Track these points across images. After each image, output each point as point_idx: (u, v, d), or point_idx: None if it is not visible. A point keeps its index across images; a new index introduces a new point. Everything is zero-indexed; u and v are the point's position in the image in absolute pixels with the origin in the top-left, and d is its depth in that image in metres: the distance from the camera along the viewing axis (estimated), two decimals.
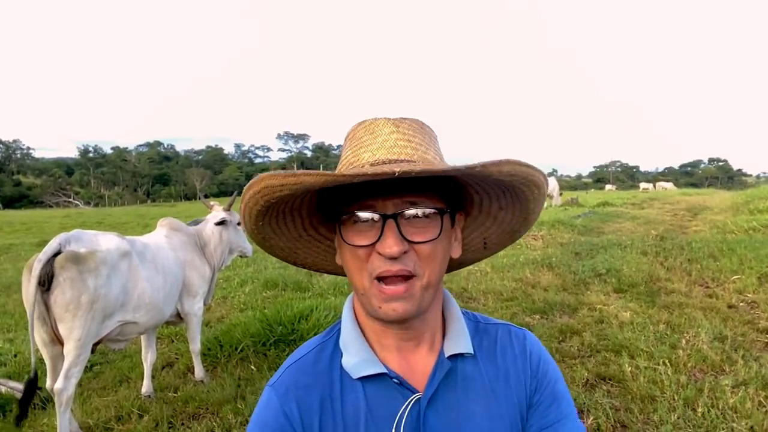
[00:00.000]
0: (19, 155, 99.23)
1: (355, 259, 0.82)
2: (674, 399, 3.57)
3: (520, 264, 8.36)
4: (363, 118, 0.89)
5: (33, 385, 3.19)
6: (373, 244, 0.79)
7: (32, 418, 3.65)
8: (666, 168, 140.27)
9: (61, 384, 3.10)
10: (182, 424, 3.58)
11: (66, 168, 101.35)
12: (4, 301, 7.79)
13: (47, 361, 3.27)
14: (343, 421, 0.84)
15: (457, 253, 0.92)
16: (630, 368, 4.03)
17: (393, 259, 0.78)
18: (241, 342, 4.66)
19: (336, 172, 0.75)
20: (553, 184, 22.98)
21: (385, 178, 0.72)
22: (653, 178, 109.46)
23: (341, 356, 0.89)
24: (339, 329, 0.93)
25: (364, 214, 0.80)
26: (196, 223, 4.40)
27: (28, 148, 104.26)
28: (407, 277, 0.80)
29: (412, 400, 0.85)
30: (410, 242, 0.79)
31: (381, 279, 0.80)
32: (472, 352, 0.90)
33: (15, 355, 4.83)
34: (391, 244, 0.77)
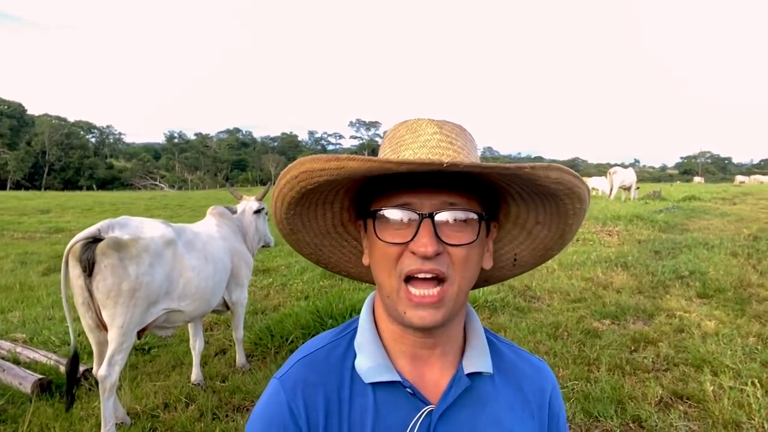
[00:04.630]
0: (111, 140, 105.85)
1: (385, 257, 0.79)
2: (764, 427, 3.15)
3: (591, 262, 7.85)
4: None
5: (74, 363, 3.27)
6: (406, 243, 0.77)
7: (85, 400, 3.73)
8: (762, 160, 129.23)
9: (105, 371, 3.11)
10: (226, 415, 3.54)
11: (154, 153, 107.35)
12: None
13: (93, 347, 3.31)
14: (349, 424, 0.82)
15: (488, 264, 0.89)
16: (712, 387, 3.60)
17: (426, 259, 0.75)
18: (292, 333, 4.59)
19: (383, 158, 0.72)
20: (631, 176, 21.67)
21: (430, 170, 0.70)
22: (747, 170, 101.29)
23: (354, 357, 0.86)
24: (355, 328, 0.91)
25: (400, 211, 0.78)
26: (232, 211, 4.44)
27: (120, 134, 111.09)
28: (439, 281, 0.77)
29: (424, 411, 0.82)
30: (446, 244, 0.77)
31: (409, 281, 0.77)
32: (491, 373, 0.88)
33: (78, 335, 4.99)
34: (426, 244, 0.74)
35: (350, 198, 0.88)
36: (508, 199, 0.87)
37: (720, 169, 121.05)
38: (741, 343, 4.42)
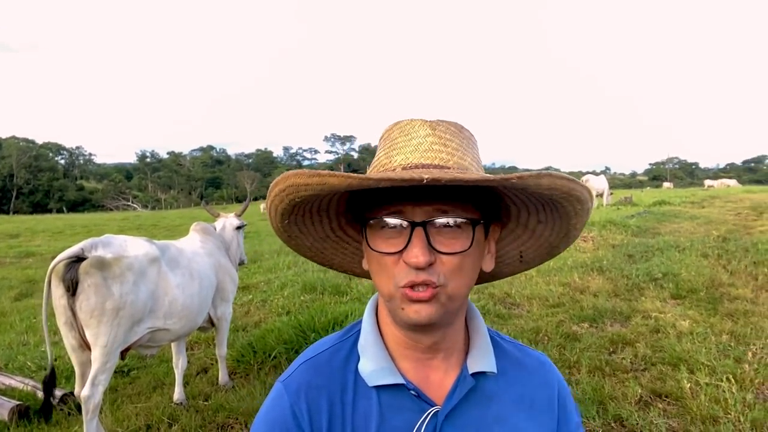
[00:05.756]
0: (81, 161, 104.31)
1: (380, 266, 0.79)
2: (740, 420, 3.23)
3: (567, 267, 7.98)
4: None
5: (50, 382, 3.32)
6: (399, 252, 0.76)
7: (65, 425, 3.65)
8: (728, 164, 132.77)
9: (88, 391, 3.06)
10: None
11: (125, 173, 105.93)
12: None
13: (76, 368, 3.25)
14: (352, 427, 0.81)
15: (489, 266, 0.87)
16: (689, 384, 3.69)
17: (419, 269, 0.74)
18: (274, 349, 4.57)
19: (365, 174, 0.72)
20: (602, 183, 22.14)
21: (413, 184, 0.69)
22: (714, 174, 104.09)
23: (357, 360, 0.86)
24: (358, 331, 0.90)
25: (391, 220, 0.77)
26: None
27: (90, 155, 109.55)
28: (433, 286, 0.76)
29: (430, 413, 0.82)
30: (438, 252, 0.76)
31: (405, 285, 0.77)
32: (495, 372, 0.87)
33: (55, 359, 4.89)
34: (417, 254, 0.73)
35: (345, 202, 0.88)
36: (507, 201, 0.87)
37: (688, 174, 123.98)
38: (715, 341, 4.54)
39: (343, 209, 0.89)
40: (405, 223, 0.76)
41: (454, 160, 0.79)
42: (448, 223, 0.76)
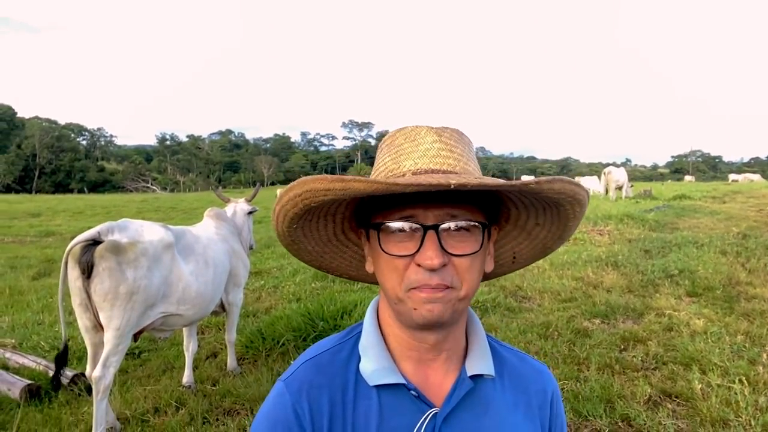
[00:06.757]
0: (102, 142, 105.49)
1: (391, 269, 0.80)
2: (751, 424, 3.17)
3: (581, 261, 7.88)
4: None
5: (62, 357, 3.41)
6: (412, 255, 0.78)
7: (75, 405, 3.71)
8: (752, 158, 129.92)
9: (99, 372, 3.11)
10: (216, 419, 3.53)
11: (145, 155, 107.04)
12: None
13: (88, 348, 3.31)
14: (353, 427, 0.82)
15: (489, 267, 0.89)
16: (700, 385, 3.62)
17: (432, 271, 0.76)
18: (283, 336, 4.59)
19: (378, 178, 0.74)
20: (623, 175, 21.81)
21: (439, 189, 0.70)
22: (737, 168, 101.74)
23: (358, 360, 0.87)
24: (359, 332, 0.91)
25: (404, 224, 0.78)
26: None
27: (111, 136, 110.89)
28: (445, 287, 0.78)
29: (429, 414, 0.83)
30: (451, 255, 0.78)
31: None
32: (493, 375, 0.88)
33: (68, 339, 4.96)
34: (431, 256, 0.75)
35: (351, 208, 0.89)
36: (508, 204, 0.89)
37: (711, 167, 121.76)
38: (729, 341, 4.45)
39: (350, 214, 0.90)
40: (418, 227, 0.78)
41: (460, 165, 0.82)
42: (459, 226, 0.78)
